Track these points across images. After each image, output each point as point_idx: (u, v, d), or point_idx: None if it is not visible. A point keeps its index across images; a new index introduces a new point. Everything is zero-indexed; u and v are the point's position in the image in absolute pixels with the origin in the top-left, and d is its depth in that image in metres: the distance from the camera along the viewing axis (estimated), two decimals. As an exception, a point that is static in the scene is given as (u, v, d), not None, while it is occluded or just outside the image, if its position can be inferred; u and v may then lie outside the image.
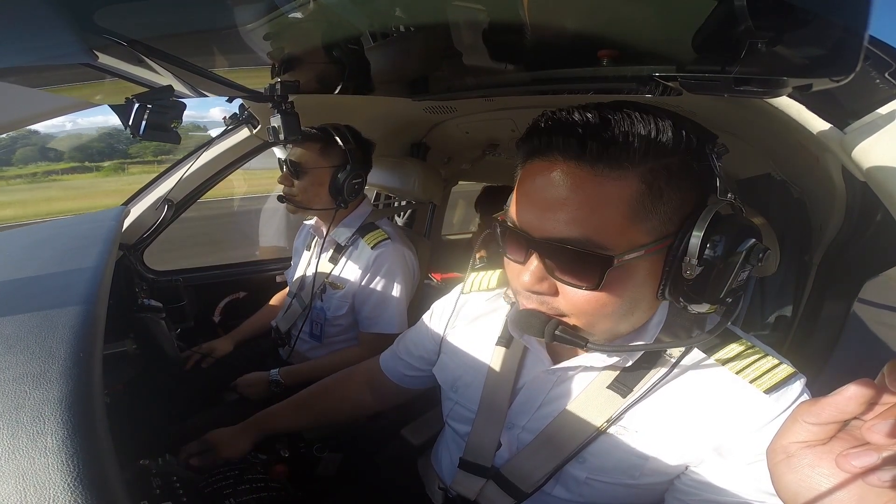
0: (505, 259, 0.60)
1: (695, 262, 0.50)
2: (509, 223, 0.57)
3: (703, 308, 0.54)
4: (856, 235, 0.92)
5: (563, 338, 0.55)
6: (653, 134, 0.49)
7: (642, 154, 0.49)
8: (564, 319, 0.56)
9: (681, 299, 0.54)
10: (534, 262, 0.54)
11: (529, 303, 0.57)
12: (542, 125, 0.54)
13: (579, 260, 0.51)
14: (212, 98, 1.03)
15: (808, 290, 1.09)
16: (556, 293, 0.55)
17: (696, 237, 0.50)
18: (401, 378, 0.95)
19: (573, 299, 0.54)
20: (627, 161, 0.49)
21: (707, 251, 0.50)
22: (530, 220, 0.54)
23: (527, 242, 0.54)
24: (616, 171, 0.49)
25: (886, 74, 0.48)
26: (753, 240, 0.51)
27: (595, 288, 0.51)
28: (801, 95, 0.54)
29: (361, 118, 1.37)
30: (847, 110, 0.51)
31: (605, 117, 0.50)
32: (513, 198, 0.59)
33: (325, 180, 1.30)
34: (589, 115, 0.51)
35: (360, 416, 1.01)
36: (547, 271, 0.54)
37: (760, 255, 0.51)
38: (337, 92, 1.06)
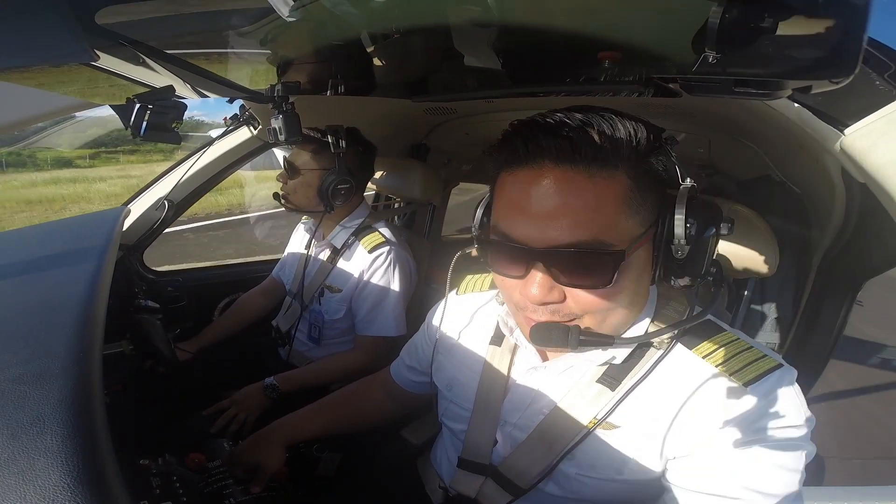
0: (496, 276, 0.59)
1: (683, 241, 0.53)
2: (499, 238, 0.56)
3: (685, 281, 0.57)
4: (856, 236, 0.92)
5: (588, 341, 0.54)
6: (631, 134, 0.52)
7: (626, 153, 0.52)
8: (576, 322, 0.56)
9: (672, 278, 0.57)
10: (537, 273, 0.53)
11: (539, 315, 0.56)
12: (525, 131, 0.53)
13: (591, 261, 0.52)
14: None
15: (808, 290, 1.10)
16: (564, 299, 0.55)
17: (679, 218, 0.53)
18: (408, 383, 0.95)
19: (584, 300, 0.55)
20: (616, 160, 0.51)
21: (689, 229, 0.53)
22: (529, 231, 0.53)
23: (528, 255, 0.53)
24: (607, 170, 0.51)
25: (886, 76, 0.49)
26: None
27: (607, 284, 0.52)
28: (800, 97, 0.54)
29: (362, 119, 1.37)
30: (846, 112, 0.51)
31: (587, 121, 0.52)
32: (496, 211, 0.58)
33: (314, 183, 1.30)
34: (571, 119, 0.52)
35: (384, 423, 1.01)
36: (553, 279, 0.53)
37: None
38: (337, 93, 1.06)
